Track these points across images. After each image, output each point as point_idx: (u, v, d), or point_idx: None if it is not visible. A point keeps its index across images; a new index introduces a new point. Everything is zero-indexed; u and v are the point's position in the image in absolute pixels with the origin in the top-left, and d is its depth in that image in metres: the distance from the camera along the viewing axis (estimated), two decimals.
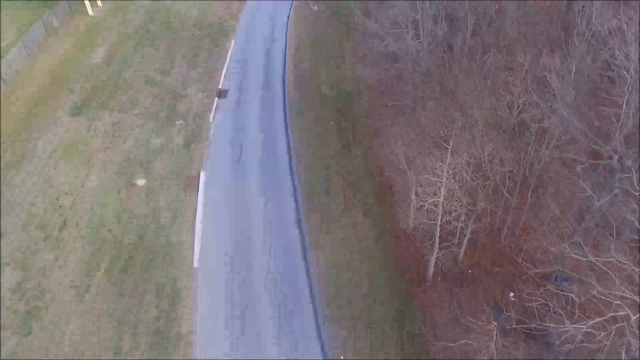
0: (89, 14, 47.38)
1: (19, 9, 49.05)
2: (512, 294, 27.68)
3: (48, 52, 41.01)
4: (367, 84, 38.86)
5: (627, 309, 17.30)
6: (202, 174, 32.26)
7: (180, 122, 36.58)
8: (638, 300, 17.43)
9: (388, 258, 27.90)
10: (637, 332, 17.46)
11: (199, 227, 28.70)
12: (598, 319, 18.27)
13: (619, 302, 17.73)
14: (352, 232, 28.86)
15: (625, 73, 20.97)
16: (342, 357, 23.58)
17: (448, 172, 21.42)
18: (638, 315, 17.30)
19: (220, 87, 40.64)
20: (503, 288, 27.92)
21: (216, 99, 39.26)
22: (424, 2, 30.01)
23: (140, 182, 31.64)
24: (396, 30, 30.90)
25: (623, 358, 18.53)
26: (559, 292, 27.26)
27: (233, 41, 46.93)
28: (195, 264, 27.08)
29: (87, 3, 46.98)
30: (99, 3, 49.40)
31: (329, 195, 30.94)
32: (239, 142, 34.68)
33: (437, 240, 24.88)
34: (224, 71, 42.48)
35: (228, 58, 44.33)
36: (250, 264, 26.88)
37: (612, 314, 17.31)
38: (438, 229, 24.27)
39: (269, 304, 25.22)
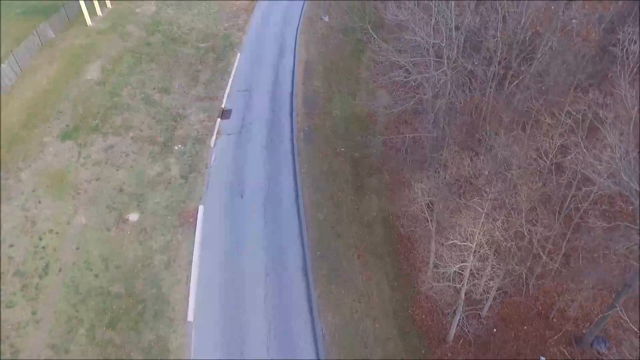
0: (88, 24, 44.32)
1: (17, 18, 46.19)
2: (543, 358, 24.44)
3: (40, 68, 37.94)
4: (383, 110, 35.52)
5: None
6: (200, 209, 29.12)
7: (179, 146, 33.48)
8: None
9: (404, 316, 24.62)
10: None
11: (194, 274, 25.59)
12: None
13: None
14: (364, 286, 25.58)
15: None
16: None
17: (480, 238, 18.18)
18: None
19: (223, 106, 37.48)
20: (532, 350, 24.69)
21: (218, 120, 36.09)
22: (449, 29, 26.54)
23: (133, 217, 28.58)
24: (417, 57, 27.52)
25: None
26: (599, 358, 24.16)
27: (238, 55, 43.72)
28: (190, 318, 24.00)
29: (86, 13, 43.91)
30: (99, 12, 46.34)
31: (340, 239, 27.65)
32: (242, 173, 31.47)
33: (462, 303, 21.66)
34: (227, 89, 39.30)
35: (232, 74, 41.13)
36: (249, 322, 23.71)
37: None
38: (463, 293, 21.05)
39: None
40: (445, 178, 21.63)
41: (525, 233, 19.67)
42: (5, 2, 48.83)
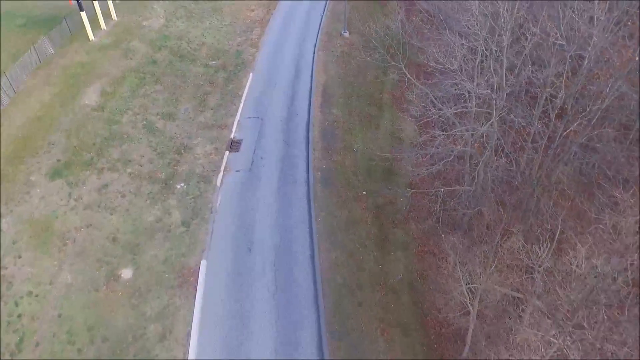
0: (90, 39, 40.50)
1: (18, 31, 42.55)
2: None
3: (35, 90, 34.19)
4: (412, 148, 31.25)
5: None
6: (202, 265, 25.20)
7: (182, 185, 29.57)
8: None
9: None
10: None
11: (192, 352, 21.69)
12: None
13: None
14: None
15: None
16: None
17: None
18: None
19: (232, 136, 33.44)
20: None
21: (227, 152, 32.08)
22: (500, 77, 22.08)
23: (127, 273, 24.76)
24: (460, 108, 23.15)
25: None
26: None
27: (251, 76, 39.61)
28: None
29: (88, 28, 40.06)
30: (103, 25, 42.48)
31: (361, 309, 23.49)
32: (251, 221, 27.43)
33: None
34: (237, 116, 35.24)
35: (244, 98, 37.04)
36: None
37: None
38: None
39: None
40: (493, 266, 17.37)
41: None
42: (6, 14, 45.27)
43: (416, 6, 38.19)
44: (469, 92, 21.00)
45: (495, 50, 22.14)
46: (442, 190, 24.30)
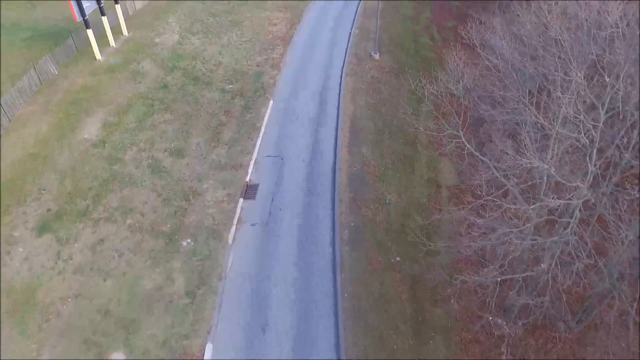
0: (97, 58, 36.39)
1: (21, 46, 38.72)
2: None
3: (31, 120, 30.22)
4: (454, 198, 26.53)
5: None
6: (207, 349, 20.92)
7: (188, 242, 25.32)
8: None
9: None
10: None
11: None
12: None
13: None
14: None
15: None
16: None
17: None
18: None
19: (248, 179, 29.03)
20: None
21: (241, 200, 27.70)
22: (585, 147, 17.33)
23: (117, 357, 20.66)
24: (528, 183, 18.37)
25: None
26: None
27: (271, 104, 35.10)
28: None
29: (95, 46, 35.93)
30: (112, 42, 38.36)
31: None
32: (266, 293, 23.00)
33: None
34: (255, 153, 30.78)
35: (262, 131, 32.57)
36: None
37: None
38: None
39: None
40: None
41: None
42: (12, 26, 41.47)
43: (472, 49, 31.07)
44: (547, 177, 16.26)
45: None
46: (499, 279, 19.53)
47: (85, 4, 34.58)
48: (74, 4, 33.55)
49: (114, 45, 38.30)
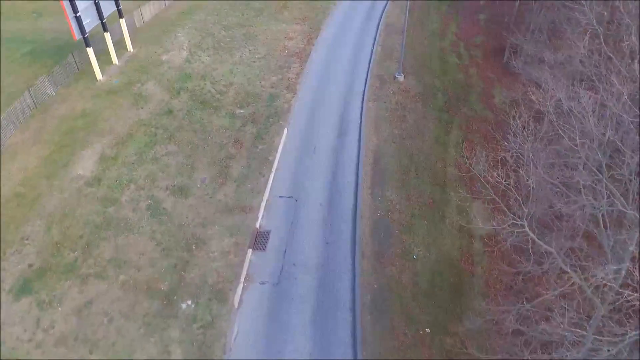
0: (98, 79, 33.09)
1: (21, 61, 35.71)
2: None
3: (21, 152, 27.03)
4: (489, 253, 22.77)
5: None
6: None
7: (188, 304, 21.90)
8: None
9: None
10: None
11: None
12: None
13: None
14: None
15: None
16: None
17: None
18: None
19: (258, 225, 25.51)
20: None
21: (249, 251, 24.20)
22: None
23: None
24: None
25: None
26: None
27: (285, 132, 31.51)
28: None
29: (95, 66, 32.61)
30: (115, 60, 35.01)
31: None
32: None
33: None
34: (266, 193, 27.23)
35: (275, 166, 29.01)
36: None
37: None
38: None
39: None
40: None
41: None
42: (13, 38, 38.45)
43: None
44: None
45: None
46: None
47: (85, 20, 31.27)
48: (72, 21, 30.20)
49: (117, 63, 34.97)
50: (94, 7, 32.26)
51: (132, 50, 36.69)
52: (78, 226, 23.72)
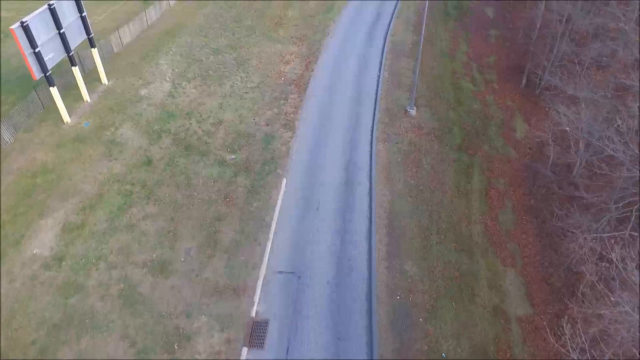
0: (65, 121, 28.01)
1: None
2: None
3: None
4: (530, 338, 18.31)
5: None
6: None
7: None
8: None
9: None
10: None
11: None
12: None
13: None
14: None
15: None
16: None
17: None
18: None
19: (253, 314, 20.75)
20: None
21: (245, 350, 19.46)
22: None
23: None
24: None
25: None
26: None
27: (284, 184, 26.72)
28: None
29: (61, 108, 27.48)
30: (87, 97, 29.89)
31: None
32: None
33: None
34: (263, 267, 22.47)
35: (272, 230, 24.22)
36: None
37: None
38: None
39: None
40: None
41: None
42: None
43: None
44: None
45: None
46: None
47: (48, 55, 26.12)
48: (30, 58, 25.00)
49: (89, 100, 29.88)
50: (59, 38, 27.09)
51: (107, 83, 31.58)
52: (30, 328, 18.84)
